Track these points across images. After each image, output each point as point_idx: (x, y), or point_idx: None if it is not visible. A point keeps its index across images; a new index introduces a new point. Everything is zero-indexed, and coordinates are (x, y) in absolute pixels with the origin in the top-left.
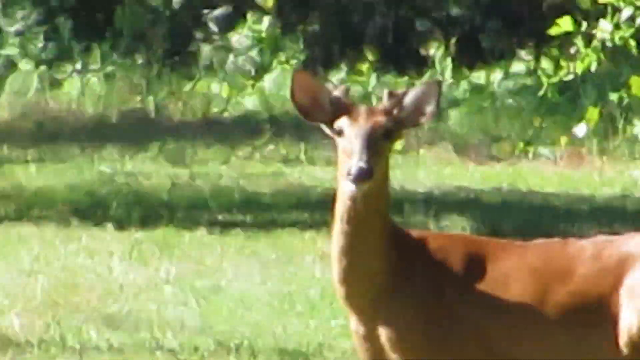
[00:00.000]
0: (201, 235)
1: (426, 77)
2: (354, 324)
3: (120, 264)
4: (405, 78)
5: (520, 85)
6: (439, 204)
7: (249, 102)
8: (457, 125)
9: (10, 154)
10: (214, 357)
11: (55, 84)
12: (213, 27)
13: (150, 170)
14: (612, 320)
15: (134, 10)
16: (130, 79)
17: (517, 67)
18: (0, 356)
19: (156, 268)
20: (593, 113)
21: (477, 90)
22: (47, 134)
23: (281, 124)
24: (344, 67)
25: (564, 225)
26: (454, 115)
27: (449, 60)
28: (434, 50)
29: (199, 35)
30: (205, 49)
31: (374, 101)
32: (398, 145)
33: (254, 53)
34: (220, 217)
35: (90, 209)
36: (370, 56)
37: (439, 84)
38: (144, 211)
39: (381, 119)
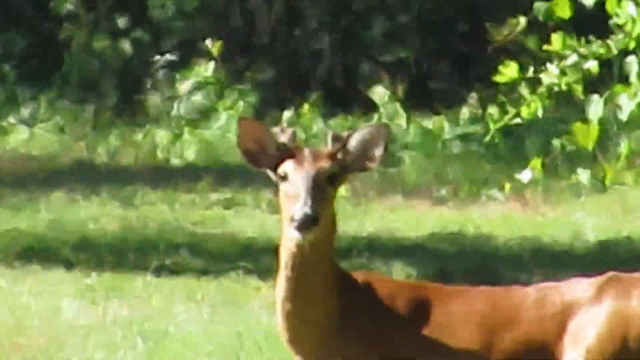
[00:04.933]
0: (150, 278)
1: (373, 120)
2: None
3: (69, 306)
4: (351, 121)
5: (468, 131)
6: (386, 249)
7: (192, 149)
8: (407, 170)
9: None
10: None
11: (1, 131)
12: (162, 75)
13: (99, 214)
14: None
15: (83, 59)
16: (79, 127)
17: (466, 113)
18: None
19: (104, 310)
20: (537, 161)
21: (427, 136)
22: None
23: (223, 170)
24: (291, 110)
25: (511, 270)
26: (403, 159)
27: (397, 104)
28: (381, 94)
29: (148, 83)
30: (154, 97)
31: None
32: (344, 191)
33: (198, 99)
34: (167, 261)
35: (38, 254)
36: (317, 99)
37: (387, 127)
38: (92, 254)
39: (325, 163)
